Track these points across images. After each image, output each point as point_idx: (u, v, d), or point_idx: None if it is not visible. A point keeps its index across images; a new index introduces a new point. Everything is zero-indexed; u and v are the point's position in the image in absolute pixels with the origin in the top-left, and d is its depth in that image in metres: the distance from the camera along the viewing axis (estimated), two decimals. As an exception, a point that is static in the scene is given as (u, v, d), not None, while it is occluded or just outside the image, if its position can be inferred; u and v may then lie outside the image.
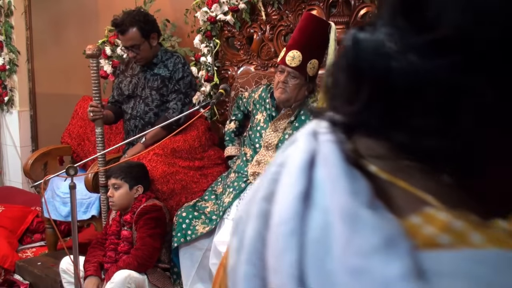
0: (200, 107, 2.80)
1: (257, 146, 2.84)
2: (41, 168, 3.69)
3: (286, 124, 2.80)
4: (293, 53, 2.68)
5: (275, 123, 2.82)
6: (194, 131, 3.22)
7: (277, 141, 2.78)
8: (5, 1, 4.80)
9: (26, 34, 4.94)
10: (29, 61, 4.97)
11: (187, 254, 2.76)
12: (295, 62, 2.68)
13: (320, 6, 3.24)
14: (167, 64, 3.28)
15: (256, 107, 2.97)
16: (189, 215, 2.75)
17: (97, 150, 3.14)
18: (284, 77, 2.71)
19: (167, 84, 3.25)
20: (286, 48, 2.75)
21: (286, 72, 2.71)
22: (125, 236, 2.79)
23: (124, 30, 3.15)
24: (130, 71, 3.36)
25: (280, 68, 2.75)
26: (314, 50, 2.73)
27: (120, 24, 3.17)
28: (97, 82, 3.14)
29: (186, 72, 3.29)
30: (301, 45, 2.69)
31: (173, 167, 3.00)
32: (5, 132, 5.03)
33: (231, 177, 2.88)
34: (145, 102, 3.28)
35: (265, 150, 2.81)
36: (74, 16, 4.65)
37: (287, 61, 2.70)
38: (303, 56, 2.68)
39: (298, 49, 2.69)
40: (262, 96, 2.96)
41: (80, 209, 3.41)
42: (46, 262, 3.51)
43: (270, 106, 2.86)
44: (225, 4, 3.52)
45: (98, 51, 3.11)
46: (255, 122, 2.92)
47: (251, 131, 2.92)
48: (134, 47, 3.18)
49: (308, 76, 2.73)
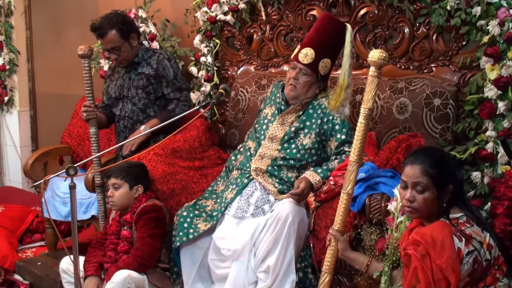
0: (200, 107, 2.80)
1: (261, 139, 2.84)
2: (41, 168, 3.69)
3: (293, 118, 2.80)
4: (307, 51, 2.71)
5: (283, 117, 2.82)
6: (194, 131, 3.22)
7: (283, 134, 2.78)
8: (5, 1, 4.80)
9: (26, 34, 4.94)
10: (29, 61, 4.97)
11: (188, 253, 2.76)
12: (308, 60, 2.70)
13: (320, 6, 3.24)
14: (150, 62, 3.29)
15: (265, 102, 2.98)
16: (190, 214, 2.75)
17: (91, 150, 3.15)
18: (295, 74, 2.73)
19: (153, 82, 3.27)
20: (301, 46, 2.77)
21: (298, 69, 2.73)
22: (125, 236, 2.79)
23: (103, 34, 3.18)
24: (116, 74, 3.39)
25: (293, 64, 2.77)
26: (328, 49, 2.75)
27: (99, 28, 3.19)
28: (90, 82, 3.14)
29: (174, 67, 3.30)
30: (315, 44, 2.72)
31: (173, 167, 3.00)
32: (5, 132, 5.03)
33: (234, 174, 2.88)
34: (132, 101, 3.29)
35: (269, 142, 2.80)
36: (74, 16, 4.65)
37: (299, 58, 2.72)
38: (316, 54, 2.70)
39: (312, 47, 2.71)
40: (273, 92, 2.97)
41: (80, 209, 3.41)
42: (46, 262, 3.51)
43: (281, 100, 2.87)
44: (225, 4, 3.52)
45: (89, 51, 3.11)
46: (262, 116, 2.92)
47: (258, 124, 2.92)
48: (115, 49, 3.20)
49: (320, 75, 2.74)
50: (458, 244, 1.79)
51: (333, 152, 2.74)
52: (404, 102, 2.87)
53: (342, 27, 2.74)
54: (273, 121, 2.84)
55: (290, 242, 2.50)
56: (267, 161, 2.76)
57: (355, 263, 2.24)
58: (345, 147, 2.69)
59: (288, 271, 2.52)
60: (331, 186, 2.57)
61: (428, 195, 1.87)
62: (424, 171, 1.87)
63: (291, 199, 2.59)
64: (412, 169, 1.89)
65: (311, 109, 2.79)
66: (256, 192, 2.72)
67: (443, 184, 1.88)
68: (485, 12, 2.64)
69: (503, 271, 1.86)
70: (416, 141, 2.54)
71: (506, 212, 2.38)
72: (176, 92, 3.27)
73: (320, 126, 2.75)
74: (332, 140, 2.74)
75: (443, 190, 1.88)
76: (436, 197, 1.88)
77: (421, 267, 1.80)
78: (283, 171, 2.73)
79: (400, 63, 3.03)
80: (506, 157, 2.52)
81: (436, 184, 1.87)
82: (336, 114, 2.74)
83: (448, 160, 1.97)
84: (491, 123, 2.65)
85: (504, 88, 2.60)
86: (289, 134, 2.77)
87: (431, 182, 1.86)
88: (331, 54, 2.77)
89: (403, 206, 1.94)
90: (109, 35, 3.18)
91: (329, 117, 2.74)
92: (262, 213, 2.65)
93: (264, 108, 2.95)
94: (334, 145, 2.73)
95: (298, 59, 2.73)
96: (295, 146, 2.75)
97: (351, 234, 2.35)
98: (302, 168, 2.74)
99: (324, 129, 2.75)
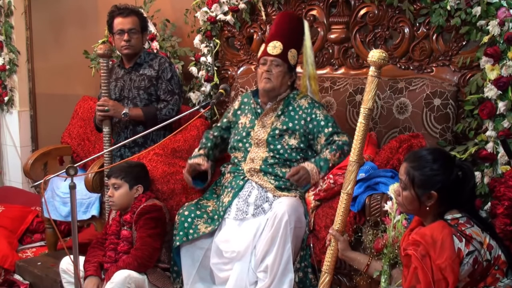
0: (200, 107, 2.80)
1: (247, 146, 2.86)
2: (41, 168, 3.69)
3: (273, 118, 2.84)
4: (274, 43, 2.81)
5: (262, 119, 2.86)
6: (194, 131, 3.23)
7: (266, 136, 2.81)
8: (5, 1, 4.80)
9: (26, 34, 4.94)
10: (29, 61, 4.97)
11: (188, 253, 2.75)
12: (277, 51, 2.80)
13: (320, 6, 3.25)
14: (152, 64, 3.33)
15: (237, 114, 2.99)
16: (191, 214, 2.75)
17: (104, 149, 3.15)
18: (267, 67, 2.81)
19: (154, 83, 3.30)
20: (266, 42, 2.88)
21: (269, 62, 2.81)
22: (124, 236, 2.79)
23: (128, 14, 3.29)
24: (114, 76, 3.39)
25: (262, 60, 2.84)
26: (293, 40, 2.86)
27: (123, 9, 3.31)
28: (107, 81, 3.19)
29: (173, 71, 3.35)
30: (281, 36, 2.83)
31: (174, 167, 3.00)
32: (5, 132, 5.03)
33: (227, 177, 2.88)
34: (133, 102, 3.30)
35: (256, 147, 2.83)
36: (74, 16, 4.65)
37: (269, 51, 2.81)
38: (284, 45, 2.81)
39: (278, 39, 2.82)
40: (244, 102, 3.00)
41: (80, 209, 3.41)
42: (46, 262, 3.51)
43: (255, 105, 2.91)
44: (225, 4, 3.52)
45: (109, 51, 3.19)
46: (240, 127, 2.94)
47: (237, 136, 2.92)
48: (132, 31, 3.27)
49: (290, 65, 2.82)
50: (458, 245, 1.79)
51: (323, 145, 2.78)
52: (404, 102, 2.87)
53: (300, 21, 2.92)
54: (253, 127, 2.87)
55: (287, 241, 2.51)
56: (259, 162, 2.78)
57: (355, 263, 2.24)
58: (335, 137, 2.76)
59: (286, 270, 2.52)
60: (330, 184, 2.57)
61: (406, 193, 1.91)
62: (406, 170, 1.90)
63: (289, 197, 2.62)
64: (402, 166, 1.94)
65: (292, 110, 2.83)
66: (254, 191, 2.73)
67: (424, 189, 1.86)
68: (485, 12, 2.64)
69: (503, 271, 1.86)
70: (418, 141, 2.54)
71: (506, 212, 2.38)
72: (167, 94, 3.29)
73: (304, 126, 2.80)
74: (321, 136, 2.79)
75: (424, 194, 1.86)
76: (415, 198, 1.89)
77: (421, 267, 1.80)
78: (276, 168, 2.75)
79: (400, 63, 3.03)
80: (506, 157, 2.52)
81: (416, 186, 1.87)
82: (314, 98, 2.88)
83: (441, 167, 1.87)
84: (491, 123, 2.65)
85: (504, 88, 2.60)
86: (273, 135, 2.80)
87: (410, 183, 1.89)
88: (296, 44, 2.87)
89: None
90: (132, 17, 3.30)
91: (312, 116, 2.80)
92: (262, 212, 2.65)
93: (238, 120, 2.97)
94: (323, 140, 2.78)
95: (267, 52, 2.81)
96: (281, 146, 2.79)
97: (351, 234, 2.35)
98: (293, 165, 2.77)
99: (310, 128, 2.80)
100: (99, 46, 3.17)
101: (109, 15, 3.35)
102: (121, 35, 3.27)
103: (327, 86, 3.14)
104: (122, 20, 3.28)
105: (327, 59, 3.27)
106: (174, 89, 3.31)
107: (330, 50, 3.26)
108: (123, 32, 3.26)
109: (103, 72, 3.19)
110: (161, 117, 3.19)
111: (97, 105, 3.23)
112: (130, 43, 3.27)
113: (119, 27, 3.28)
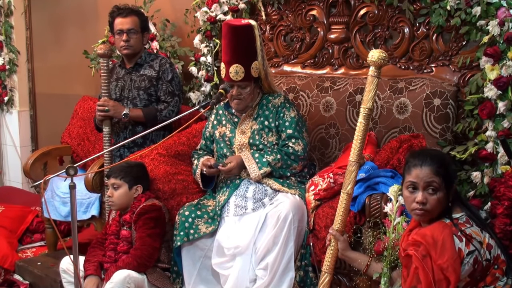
0: (200, 107, 2.80)
1: (232, 150, 2.89)
2: (41, 168, 3.69)
3: (251, 123, 2.87)
4: (235, 68, 2.75)
5: (240, 127, 2.90)
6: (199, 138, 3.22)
7: (247, 140, 2.85)
8: (5, 1, 4.80)
9: (26, 34, 4.94)
10: (29, 61, 4.96)
11: (189, 254, 2.76)
12: (240, 75, 2.76)
13: (320, 6, 3.25)
14: (152, 65, 3.33)
15: (214, 125, 3.01)
16: (191, 214, 2.75)
17: (104, 149, 3.15)
18: (236, 90, 2.81)
19: (155, 83, 3.30)
20: (225, 64, 2.79)
21: (236, 86, 2.80)
22: (124, 236, 2.79)
23: (127, 14, 3.30)
24: (115, 76, 3.39)
25: (228, 84, 2.80)
26: (249, 54, 2.78)
27: (123, 9, 3.31)
28: (107, 81, 3.19)
29: (174, 72, 3.35)
30: (237, 57, 2.76)
31: (176, 167, 3.00)
32: (5, 132, 5.03)
33: (221, 178, 2.93)
34: (133, 102, 3.30)
35: (240, 151, 2.86)
36: (74, 16, 4.65)
37: (232, 77, 2.76)
38: (244, 66, 2.75)
39: (236, 62, 2.75)
40: (219, 114, 3.01)
41: (80, 209, 3.41)
42: (46, 262, 3.50)
43: (231, 116, 2.94)
44: (225, 4, 3.52)
45: (109, 51, 3.19)
46: (218, 135, 2.96)
47: (221, 144, 2.95)
48: (131, 31, 3.27)
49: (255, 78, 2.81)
50: (459, 245, 1.79)
51: (280, 143, 2.81)
52: (404, 102, 2.87)
53: (248, 29, 2.77)
54: (234, 135, 2.89)
55: (290, 240, 2.51)
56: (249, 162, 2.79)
57: (355, 263, 2.24)
58: (290, 142, 2.78)
59: (287, 269, 2.53)
60: (330, 184, 2.57)
61: (440, 195, 1.89)
62: (435, 171, 1.88)
63: (291, 194, 2.67)
64: (422, 171, 1.89)
65: (266, 110, 2.87)
66: (251, 187, 2.75)
67: (450, 184, 1.90)
68: (485, 12, 2.64)
69: (502, 270, 1.86)
70: (418, 141, 2.54)
71: (506, 212, 2.38)
72: (167, 95, 3.29)
73: (274, 121, 2.84)
74: (282, 135, 2.82)
75: (450, 190, 1.90)
76: (446, 197, 1.90)
77: (422, 267, 1.80)
78: (264, 157, 2.78)
79: (400, 63, 3.03)
80: (506, 157, 2.52)
81: (446, 183, 1.89)
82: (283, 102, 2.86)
83: (449, 160, 2.02)
84: (491, 123, 2.65)
85: (504, 88, 2.60)
86: (253, 137, 2.84)
87: (443, 182, 1.88)
88: (253, 56, 2.79)
89: (412, 209, 1.93)
90: (132, 17, 3.30)
91: (280, 114, 2.84)
92: (262, 206, 2.68)
93: (215, 130, 2.99)
94: (282, 137, 2.82)
95: (231, 79, 2.77)
96: (263, 146, 2.83)
97: (350, 235, 2.35)
98: None
99: (276, 124, 2.84)
100: (99, 46, 3.18)
101: (110, 16, 3.35)
102: (121, 35, 3.28)
103: (327, 86, 3.14)
104: (122, 20, 3.28)
105: (327, 59, 3.27)
106: (175, 91, 3.31)
107: (330, 50, 3.26)
108: (122, 32, 3.27)
109: (103, 72, 3.20)
110: (161, 119, 3.19)
111: (97, 105, 3.23)
112: (129, 43, 3.27)
113: (119, 27, 3.28)
